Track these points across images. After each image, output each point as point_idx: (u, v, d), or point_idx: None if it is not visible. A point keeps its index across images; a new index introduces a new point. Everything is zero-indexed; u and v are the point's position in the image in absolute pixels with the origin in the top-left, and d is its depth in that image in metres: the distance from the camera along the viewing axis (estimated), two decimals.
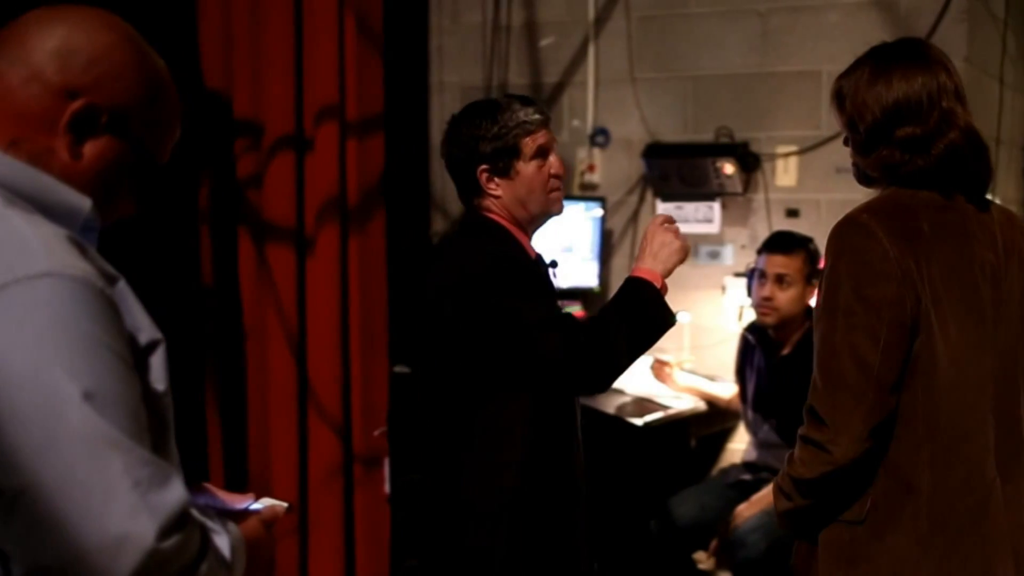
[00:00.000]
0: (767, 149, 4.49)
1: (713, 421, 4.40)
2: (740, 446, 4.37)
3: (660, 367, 4.35)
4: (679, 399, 4.27)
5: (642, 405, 4.11)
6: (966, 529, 2.02)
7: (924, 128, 2.02)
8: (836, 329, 1.98)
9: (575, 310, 4.36)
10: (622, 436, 3.91)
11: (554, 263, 2.64)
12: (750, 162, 4.48)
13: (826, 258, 2.04)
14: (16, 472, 1.13)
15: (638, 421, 3.94)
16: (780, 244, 3.95)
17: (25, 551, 1.14)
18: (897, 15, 4.23)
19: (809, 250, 3.92)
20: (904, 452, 2.00)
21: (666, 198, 4.63)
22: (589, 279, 4.60)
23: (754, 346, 4.06)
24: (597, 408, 3.88)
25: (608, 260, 4.74)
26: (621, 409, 4.03)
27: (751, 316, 4.16)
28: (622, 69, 4.71)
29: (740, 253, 4.55)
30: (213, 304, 3.87)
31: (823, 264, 2.05)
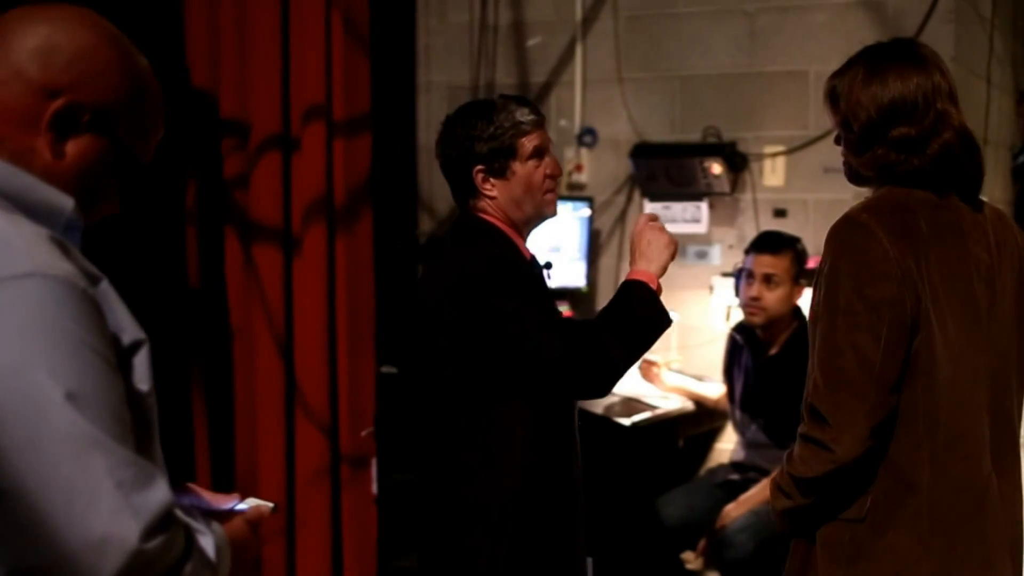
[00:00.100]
0: (755, 149, 4.49)
1: (701, 421, 4.41)
2: (728, 446, 4.37)
3: (648, 367, 4.34)
4: (667, 399, 4.27)
5: (630, 405, 4.11)
6: (965, 525, 2.04)
7: (919, 128, 2.03)
8: (837, 328, 1.98)
9: (563, 310, 4.35)
10: (610, 436, 3.90)
11: (549, 265, 2.65)
12: (738, 162, 4.48)
13: (825, 257, 2.04)
14: None
15: (626, 421, 3.94)
16: (768, 244, 3.95)
17: (8, 552, 1.14)
18: (885, 15, 4.24)
19: (797, 250, 3.92)
20: (904, 450, 2.01)
21: (654, 198, 4.63)
22: (577, 279, 4.59)
23: (742, 346, 4.07)
24: (585, 408, 3.87)
25: (596, 260, 4.74)
26: (609, 409, 4.02)
27: (739, 316, 4.16)
28: (610, 69, 4.71)
29: (728, 253, 4.55)
30: (199, 304, 3.86)
31: (821, 263, 2.05)
